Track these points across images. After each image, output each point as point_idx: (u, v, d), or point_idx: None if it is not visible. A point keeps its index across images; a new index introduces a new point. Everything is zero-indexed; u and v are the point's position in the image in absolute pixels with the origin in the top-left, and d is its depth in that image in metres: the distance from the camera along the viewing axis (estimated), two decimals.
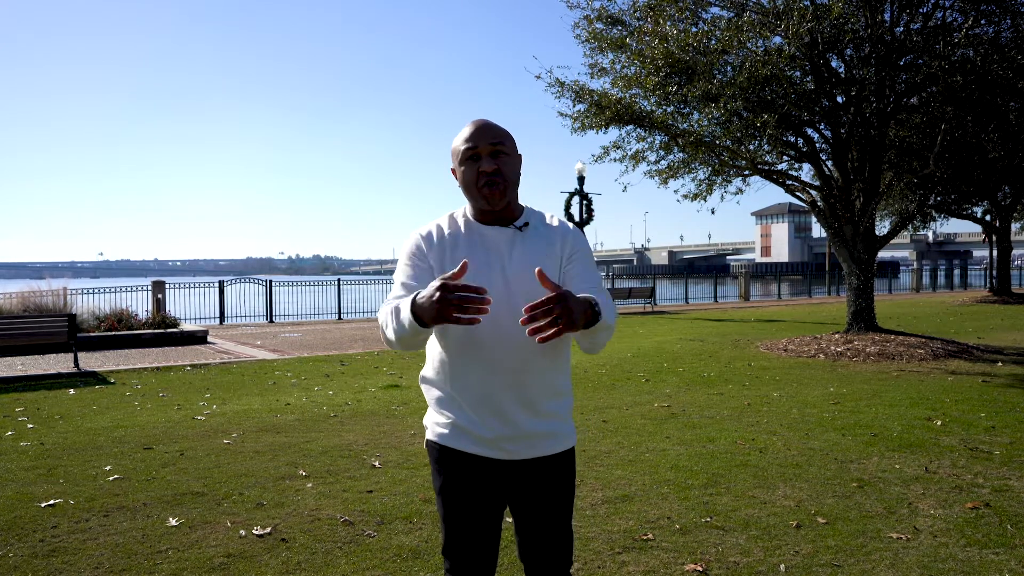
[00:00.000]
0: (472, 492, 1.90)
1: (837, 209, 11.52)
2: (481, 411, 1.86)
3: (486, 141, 1.87)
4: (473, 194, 1.89)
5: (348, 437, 5.74)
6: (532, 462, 1.91)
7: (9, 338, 10.16)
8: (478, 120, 1.92)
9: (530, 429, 1.88)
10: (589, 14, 11.07)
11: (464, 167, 1.89)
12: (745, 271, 34.53)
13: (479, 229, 1.92)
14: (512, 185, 1.91)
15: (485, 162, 1.86)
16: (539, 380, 1.88)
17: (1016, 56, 9.90)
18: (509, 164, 1.90)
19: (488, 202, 1.87)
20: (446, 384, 1.91)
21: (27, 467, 4.95)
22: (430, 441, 1.98)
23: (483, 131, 1.89)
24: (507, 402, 1.85)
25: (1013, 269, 31.50)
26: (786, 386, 7.92)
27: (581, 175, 22.13)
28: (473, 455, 1.89)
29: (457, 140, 1.92)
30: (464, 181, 1.90)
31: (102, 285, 18.48)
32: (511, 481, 1.92)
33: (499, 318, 1.81)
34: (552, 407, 1.91)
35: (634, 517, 3.81)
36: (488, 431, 1.86)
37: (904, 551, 3.34)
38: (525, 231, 1.93)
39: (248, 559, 3.34)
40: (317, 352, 12.10)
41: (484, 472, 1.90)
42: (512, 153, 1.92)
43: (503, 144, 1.89)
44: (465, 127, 1.91)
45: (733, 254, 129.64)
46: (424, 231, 1.95)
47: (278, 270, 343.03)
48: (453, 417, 1.90)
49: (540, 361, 1.86)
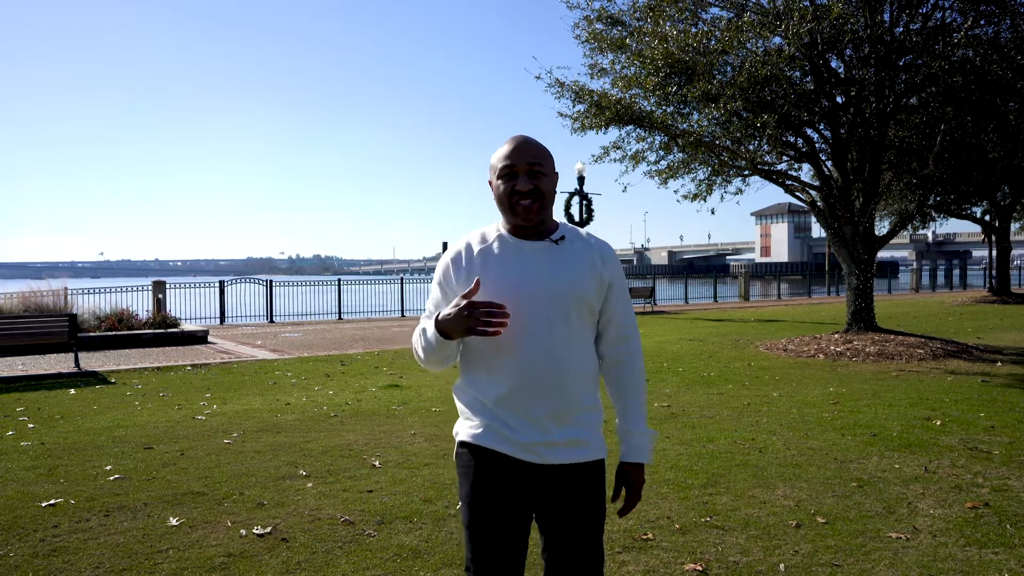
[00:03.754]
0: (502, 497, 1.86)
1: (837, 209, 11.52)
2: (514, 418, 1.86)
3: (524, 160, 1.88)
4: (507, 209, 1.91)
5: (348, 437, 5.74)
6: (563, 469, 1.88)
7: (9, 338, 10.16)
8: (518, 137, 1.93)
9: (561, 438, 1.87)
10: (589, 14, 11.09)
11: (500, 182, 1.91)
12: (745, 271, 34.59)
13: (514, 243, 1.93)
14: (548, 203, 1.92)
15: (521, 181, 1.88)
16: (571, 391, 1.87)
17: (1016, 56, 9.91)
18: (546, 183, 1.90)
19: (524, 218, 1.89)
20: (480, 393, 1.91)
21: (28, 467, 4.95)
22: (462, 443, 1.94)
23: (522, 149, 1.90)
24: (539, 411, 1.85)
25: (1012, 269, 31.52)
26: (786, 386, 7.93)
27: (581, 175, 22.14)
28: (506, 456, 1.87)
29: (496, 156, 1.93)
30: (499, 196, 1.92)
31: (102, 285, 18.49)
32: (542, 489, 1.88)
33: (533, 329, 1.83)
34: (583, 418, 1.91)
35: (634, 517, 3.81)
36: (522, 435, 1.85)
37: (903, 551, 3.34)
38: (561, 244, 1.93)
39: (248, 559, 3.35)
40: (317, 352, 12.11)
41: (515, 476, 1.87)
42: (549, 173, 1.93)
43: (541, 165, 1.90)
44: (505, 143, 1.93)
45: (733, 254, 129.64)
46: (453, 253, 1.97)
47: (278, 270, 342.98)
48: (489, 421, 1.89)
49: (572, 372, 1.87)
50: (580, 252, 1.94)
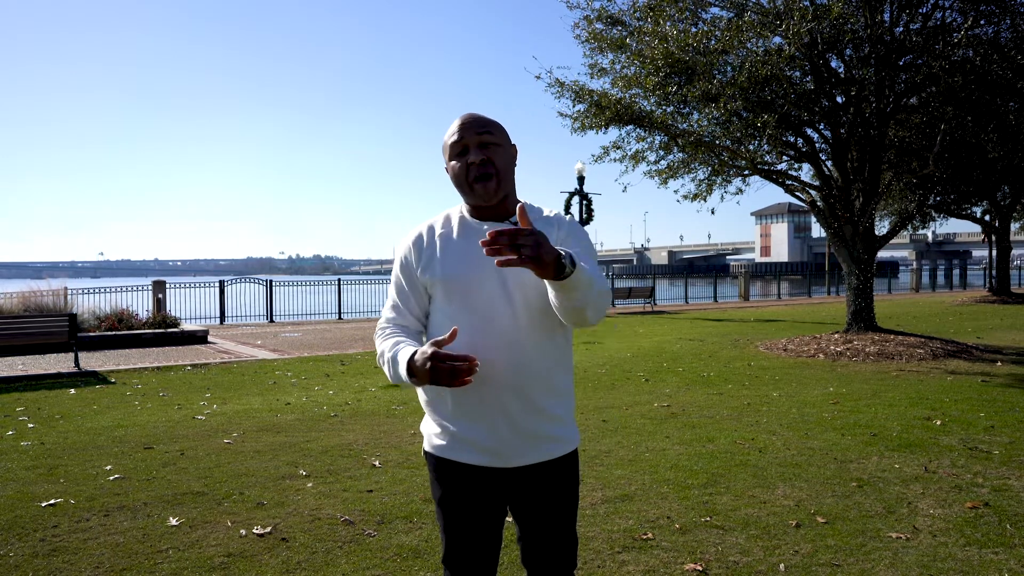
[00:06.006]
0: (472, 503, 1.84)
1: (837, 209, 11.52)
2: (479, 415, 1.78)
3: (473, 132, 1.79)
4: (465, 189, 1.81)
5: (348, 437, 5.74)
6: (534, 468, 1.83)
7: (9, 338, 10.16)
8: (465, 113, 1.84)
9: (531, 431, 1.79)
10: (589, 14, 11.09)
11: (454, 162, 1.81)
12: (745, 271, 34.57)
13: (474, 225, 1.84)
14: (505, 177, 1.82)
15: (473, 153, 1.78)
16: (539, 379, 1.79)
17: (1016, 56, 9.90)
18: (500, 154, 1.80)
19: (481, 196, 1.79)
20: (442, 388, 1.79)
21: (28, 467, 4.95)
22: (427, 452, 1.91)
23: (469, 123, 1.80)
24: (506, 403, 1.77)
25: (1012, 269, 31.53)
26: (786, 386, 7.93)
27: (581, 175, 22.13)
28: (471, 465, 1.82)
29: (445, 135, 1.85)
30: (455, 176, 1.82)
31: (102, 285, 18.49)
32: (513, 489, 1.85)
33: (496, 316, 1.76)
34: (553, 407, 1.83)
35: (634, 517, 3.81)
36: (487, 437, 1.78)
37: (903, 551, 3.34)
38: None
39: (248, 559, 3.35)
40: (317, 352, 12.11)
41: (484, 482, 1.83)
42: (503, 143, 1.83)
43: (491, 134, 1.80)
44: (453, 122, 1.85)
45: (733, 254, 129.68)
46: (414, 235, 1.89)
47: (278, 270, 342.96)
48: (450, 425, 1.83)
49: (540, 360, 1.79)
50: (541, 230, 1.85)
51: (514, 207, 1.87)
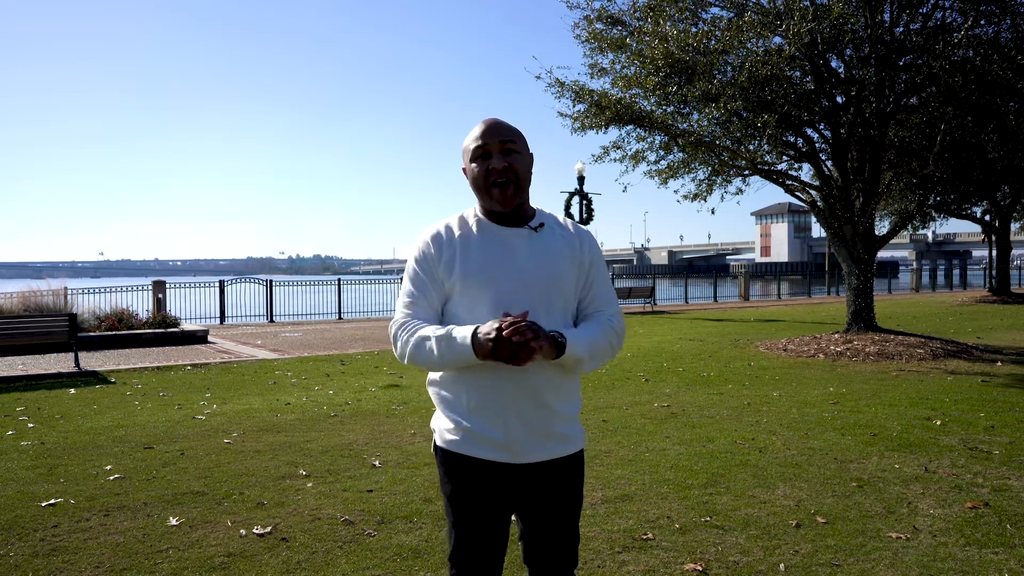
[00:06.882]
0: (483, 499, 1.86)
1: (837, 209, 11.52)
2: (491, 412, 1.82)
3: (496, 139, 1.85)
4: (483, 193, 1.87)
5: (348, 437, 5.74)
6: (543, 465, 1.87)
7: (9, 338, 10.17)
8: (489, 119, 1.90)
9: (543, 429, 1.84)
10: (589, 14, 11.08)
11: (474, 165, 1.87)
12: (745, 271, 34.56)
13: (493, 228, 1.89)
14: (524, 184, 1.88)
15: (495, 159, 1.84)
16: (550, 380, 1.84)
17: (1016, 56, 9.90)
18: (520, 162, 1.87)
19: (500, 201, 1.84)
20: (455, 385, 1.87)
21: (28, 466, 4.95)
22: (439, 447, 1.94)
23: (494, 129, 1.87)
24: (518, 402, 1.81)
25: (1012, 269, 31.53)
26: (786, 386, 7.93)
27: (581, 175, 22.14)
28: (484, 460, 1.85)
29: (468, 138, 1.90)
30: (474, 179, 1.88)
31: (102, 285, 18.49)
32: (522, 486, 1.88)
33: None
34: (563, 408, 1.88)
35: (634, 516, 3.81)
36: (499, 433, 1.82)
37: (903, 551, 3.34)
38: (541, 231, 1.90)
39: (248, 558, 3.35)
40: (317, 352, 12.11)
41: (495, 478, 1.86)
42: (523, 152, 1.89)
43: (514, 142, 1.87)
44: (476, 126, 1.89)
45: (733, 254, 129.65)
46: (432, 232, 1.91)
47: (278, 270, 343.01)
48: (463, 421, 1.86)
49: (553, 365, 1.83)
50: (560, 240, 1.92)
51: (529, 213, 1.93)
